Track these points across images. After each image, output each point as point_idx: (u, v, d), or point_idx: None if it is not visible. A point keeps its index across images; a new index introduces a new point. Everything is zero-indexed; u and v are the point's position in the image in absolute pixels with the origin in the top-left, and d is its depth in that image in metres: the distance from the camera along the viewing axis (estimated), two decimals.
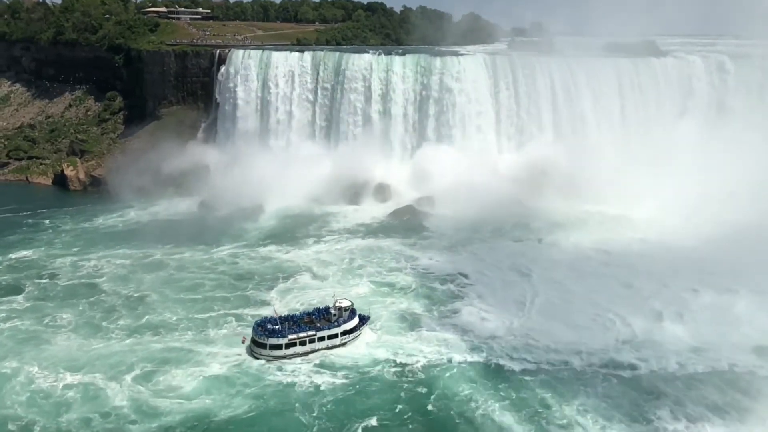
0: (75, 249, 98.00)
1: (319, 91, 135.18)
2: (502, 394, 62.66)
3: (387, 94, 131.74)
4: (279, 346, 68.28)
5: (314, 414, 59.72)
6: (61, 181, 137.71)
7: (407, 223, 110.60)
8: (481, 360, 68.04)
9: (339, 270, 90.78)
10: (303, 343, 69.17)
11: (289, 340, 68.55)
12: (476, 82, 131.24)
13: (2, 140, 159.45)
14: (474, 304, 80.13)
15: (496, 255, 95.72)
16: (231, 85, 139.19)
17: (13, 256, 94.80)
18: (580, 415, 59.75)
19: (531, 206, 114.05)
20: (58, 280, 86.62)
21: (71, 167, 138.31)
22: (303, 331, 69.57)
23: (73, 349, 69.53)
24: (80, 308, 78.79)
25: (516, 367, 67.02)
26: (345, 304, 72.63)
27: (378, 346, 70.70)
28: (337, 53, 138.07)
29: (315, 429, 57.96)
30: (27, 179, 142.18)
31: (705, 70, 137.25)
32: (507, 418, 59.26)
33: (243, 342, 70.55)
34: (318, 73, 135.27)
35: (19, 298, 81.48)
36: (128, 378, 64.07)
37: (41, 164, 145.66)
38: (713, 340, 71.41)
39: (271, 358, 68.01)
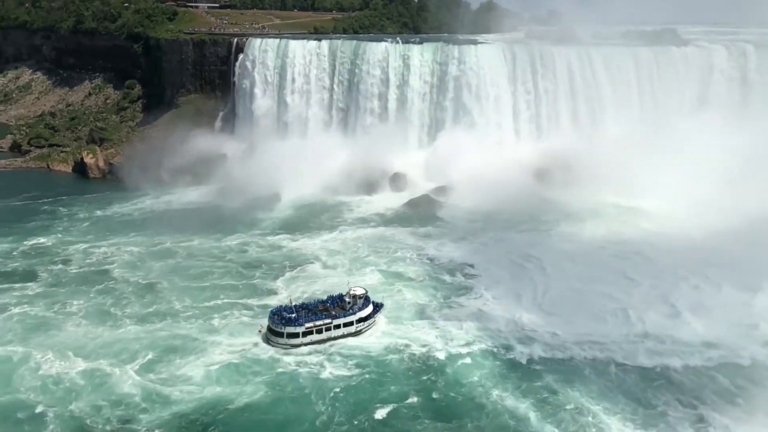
0: (90, 236, 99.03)
1: (336, 80, 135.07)
2: (510, 381, 63.39)
3: (404, 83, 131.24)
4: (296, 335, 68.43)
5: (327, 401, 60.18)
6: (81, 168, 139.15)
7: (422, 213, 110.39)
8: (490, 349, 68.40)
9: (348, 259, 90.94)
10: (319, 331, 69.35)
11: (306, 328, 68.71)
12: (494, 71, 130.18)
13: (24, 128, 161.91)
14: (484, 295, 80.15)
15: (508, 246, 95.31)
16: (248, 73, 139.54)
17: (28, 242, 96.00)
18: (588, 401, 60.35)
19: (547, 197, 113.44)
20: (71, 267, 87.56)
21: (91, 155, 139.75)
22: (319, 319, 69.74)
23: (82, 335, 70.23)
24: (91, 295, 79.60)
25: (525, 356, 67.37)
26: (359, 291, 72.86)
27: (387, 335, 71.07)
28: (355, 42, 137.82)
29: (328, 416, 58.45)
30: (48, 166, 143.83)
31: (727, 59, 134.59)
32: (516, 404, 60.05)
33: (260, 331, 70.76)
34: (335, 62, 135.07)
35: (32, 284, 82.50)
36: (139, 365, 64.70)
37: (62, 152, 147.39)
38: (728, 334, 70.73)
39: (288, 347, 68.17)
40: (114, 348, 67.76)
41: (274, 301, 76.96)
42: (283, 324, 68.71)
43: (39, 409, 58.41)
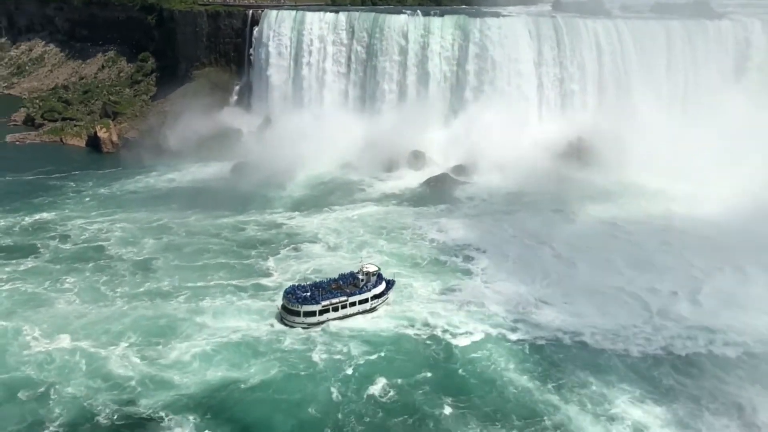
0: (94, 212, 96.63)
1: (354, 54, 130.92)
2: (515, 359, 62.95)
3: (424, 58, 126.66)
4: (313, 313, 67.34)
5: (338, 380, 59.43)
6: (94, 142, 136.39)
7: (439, 193, 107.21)
8: (495, 330, 67.59)
9: (354, 239, 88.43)
10: (336, 309, 68.47)
11: (323, 306, 67.72)
12: (518, 46, 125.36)
13: (37, 101, 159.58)
14: (492, 276, 78.36)
15: (524, 226, 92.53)
16: (264, 46, 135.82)
17: (31, 218, 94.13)
18: (590, 375, 60.39)
19: (569, 177, 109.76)
20: (69, 244, 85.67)
21: (104, 129, 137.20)
22: (334, 297, 68.71)
23: (73, 312, 68.64)
24: (86, 273, 77.68)
25: (529, 336, 66.46)
26: (372, 269, 72.03)
27: (394, 315, 70.01)
28: (373, 14, 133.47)
29: (338, 395, 57.88)
30: (61, 140, 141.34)
31: (764, 33, 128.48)
32: (520, 379, 60.21)
33: (278, 310, 69.51)
34: (353, 36, 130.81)
35: (27, 260, 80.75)
36: (134, 345, 63.26)
37: (75, 126, 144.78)
38: (754, 321, 68.44)
39: (305, 326, 67.12)
40: (106, 326, 66.08)
41: (268, 281, 76.00)
42: (300, 303, 67.42)
43: (41, 389, 56.91)
